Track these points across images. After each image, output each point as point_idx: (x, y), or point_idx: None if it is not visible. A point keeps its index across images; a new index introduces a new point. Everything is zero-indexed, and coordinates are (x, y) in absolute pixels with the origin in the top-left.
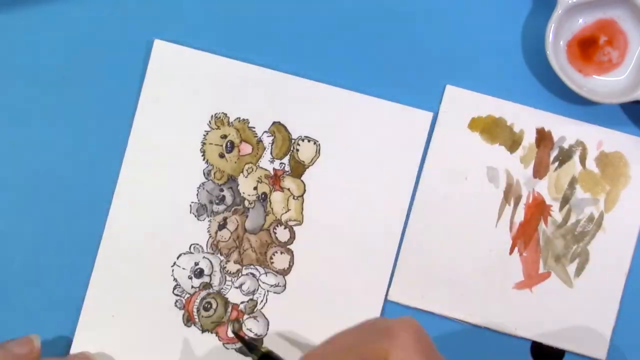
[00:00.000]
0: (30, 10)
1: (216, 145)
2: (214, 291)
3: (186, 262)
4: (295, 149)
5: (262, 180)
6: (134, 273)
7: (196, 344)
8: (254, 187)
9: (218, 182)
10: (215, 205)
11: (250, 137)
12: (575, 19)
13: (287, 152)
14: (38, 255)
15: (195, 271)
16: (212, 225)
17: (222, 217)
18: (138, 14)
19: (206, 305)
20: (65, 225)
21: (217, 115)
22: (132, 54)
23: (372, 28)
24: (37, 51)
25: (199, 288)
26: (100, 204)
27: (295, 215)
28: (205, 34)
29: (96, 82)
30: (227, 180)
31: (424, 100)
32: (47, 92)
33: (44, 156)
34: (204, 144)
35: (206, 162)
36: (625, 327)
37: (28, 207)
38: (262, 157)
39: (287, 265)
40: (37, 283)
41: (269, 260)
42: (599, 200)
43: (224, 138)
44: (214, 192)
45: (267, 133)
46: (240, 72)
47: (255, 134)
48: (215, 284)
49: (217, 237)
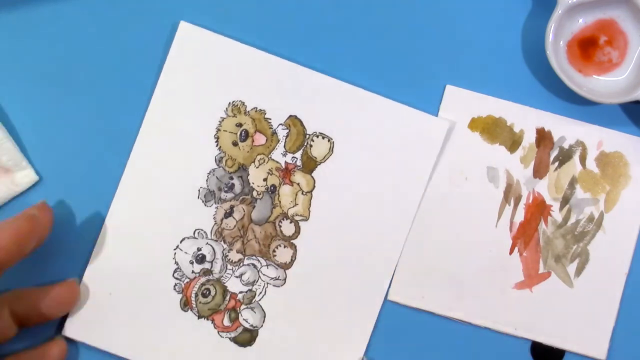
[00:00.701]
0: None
1: (230, 132)
2: (214, 278)
3: (189, 247)
4: (309, 144)
5: (273, 172)
6: (135, 253)
7: (191, 330)
8: (264, 179)
9: (229, 170)
10: (223, 193)
11: (265, 128)
12: (575, 19)
13: (300, 146)
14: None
15: (197, 257)
16: (219, 212)
17: (229, 205)
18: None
19: (205, 291)
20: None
21: (234, 102)
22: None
23: (372, 27)
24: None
25: (199, 274)
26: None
27: (302, 211)
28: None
29: (119, 61)
30: (238, 168)
31: (424, 100)
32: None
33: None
34: (218, 130)
35: (219, 148)
36: (625, 327)
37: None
38: (275, 149)
39: (289, 259)
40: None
41: (271, 252)
42: (599, 200)
43: (239, 126)
44: (223, 180)
45: (283, 126)
46: (262, 62)
47: (271, 125)
48: (215, 271)
49: (222, 224)
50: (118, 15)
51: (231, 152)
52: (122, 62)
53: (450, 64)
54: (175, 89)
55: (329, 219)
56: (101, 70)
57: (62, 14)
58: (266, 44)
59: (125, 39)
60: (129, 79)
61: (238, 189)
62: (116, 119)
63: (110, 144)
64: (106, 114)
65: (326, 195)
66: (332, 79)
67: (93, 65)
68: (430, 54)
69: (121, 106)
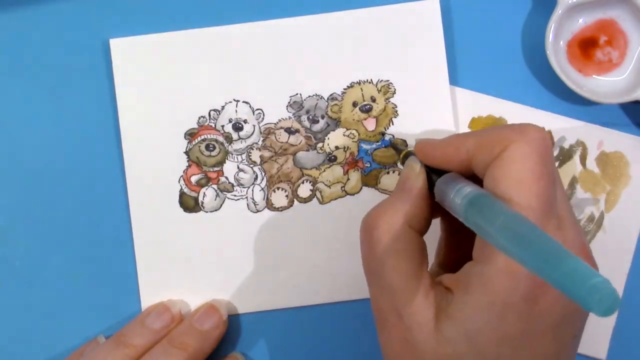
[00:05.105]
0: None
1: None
2: (224, 143)
3: (232, 114)
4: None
5: (346, 151)
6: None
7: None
8: (337, 146)
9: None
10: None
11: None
12: (575, 19)
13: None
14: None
15: (236, 124)
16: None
17: (296, 128)
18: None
19: (210, 145)
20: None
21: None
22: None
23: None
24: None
25: (221, 132)
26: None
27: (352, 186)
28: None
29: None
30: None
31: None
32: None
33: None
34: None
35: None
36: (625, 327)
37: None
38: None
39: (285, 205)
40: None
41: (294, 186)
42: (599, 200)
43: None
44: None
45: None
46: (205, 38)
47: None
48: (235, 139)
49: (276, 131)
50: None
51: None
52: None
53: (450, 64)
54: (138, 102)
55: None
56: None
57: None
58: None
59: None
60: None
61: (322, 125)
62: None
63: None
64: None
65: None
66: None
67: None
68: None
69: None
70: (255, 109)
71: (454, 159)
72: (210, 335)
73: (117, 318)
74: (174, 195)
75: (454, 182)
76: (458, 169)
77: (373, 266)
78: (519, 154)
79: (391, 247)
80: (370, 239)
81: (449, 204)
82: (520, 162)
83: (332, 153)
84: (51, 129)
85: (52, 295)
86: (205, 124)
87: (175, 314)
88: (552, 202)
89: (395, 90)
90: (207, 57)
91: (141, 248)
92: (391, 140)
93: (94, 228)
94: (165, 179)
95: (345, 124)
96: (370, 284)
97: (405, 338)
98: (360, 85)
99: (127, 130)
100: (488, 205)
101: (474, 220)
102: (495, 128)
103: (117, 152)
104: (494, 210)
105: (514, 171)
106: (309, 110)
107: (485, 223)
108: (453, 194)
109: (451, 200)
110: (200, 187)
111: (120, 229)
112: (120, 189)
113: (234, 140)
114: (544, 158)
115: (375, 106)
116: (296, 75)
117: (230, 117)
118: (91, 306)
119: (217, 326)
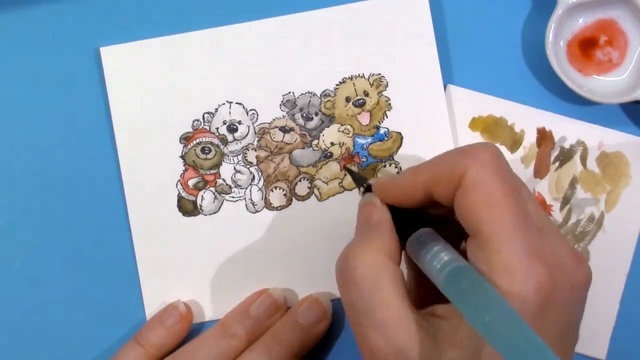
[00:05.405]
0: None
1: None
2: (219, 146)
3: (225, 116)
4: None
5: (341, 147)
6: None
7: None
8: (332, 142)
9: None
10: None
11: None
12: (575, 19)
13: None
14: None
15: (231, 125)
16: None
17: (290, 127)
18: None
19: (206, 148)
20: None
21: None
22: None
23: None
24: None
25: (216, 134)
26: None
27: (349, 182)
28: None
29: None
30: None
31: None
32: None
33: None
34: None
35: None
36: (625, 327)
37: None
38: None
39: (284, 203)
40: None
41: (292, 184)
42: (599, 200)
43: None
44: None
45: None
46: (196, 41)
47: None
48: (230, 140)
49: (271, 130)
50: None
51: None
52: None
53: (450, 64)
54: (131, 109)
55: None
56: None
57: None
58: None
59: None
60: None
61: (316, 122)
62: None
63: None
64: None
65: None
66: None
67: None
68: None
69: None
70: (248, 110)
71: (413, 196)
72: (313, 330)
73: (118, 319)
74: (172, 200)
75: (431, 241)
76: (419, 204)
77: (361, 306)
78: (479, 178)
79: (377, 283)
80: (352, 279)
81: (424, 265)
82: (483, 186)
83: (328, 149)
84: (47, 139)
85: (52, 296)
86: (199, 127)
87: (280, 303)
88: (525, 212)
89: (387, 84)
90: (198, 60)
91: (142, 253)
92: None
93: (93, 233)
94: (162, 184)
95: (339, 120)
96: (359, 326)
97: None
98: (352, 80)
99: (122, 137)
100: (477, 294)
101: (456, 300)
102: (445, 156)
103: (113, 159)
104: (483, 303)
105: (480, 197)
106: (303, 107)
107: (472, 314)
108: (430, 256)
109: (427, 262)
110: (197, 191)
111: (120, 234)
112: (119, 196)
113: (229, 141)
114: (502, 174)
115: (369, 100)
116: (288, 73)
117: (224, 119)
118: (91, 307)
119: (321, 320)
